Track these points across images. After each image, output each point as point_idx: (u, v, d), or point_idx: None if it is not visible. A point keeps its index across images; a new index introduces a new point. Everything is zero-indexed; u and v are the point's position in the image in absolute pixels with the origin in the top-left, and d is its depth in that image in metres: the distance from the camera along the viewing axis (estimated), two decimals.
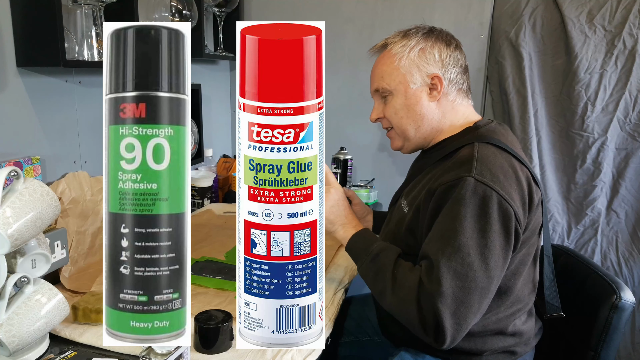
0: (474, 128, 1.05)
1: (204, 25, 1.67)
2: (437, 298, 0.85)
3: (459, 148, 1.00)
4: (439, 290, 0.85)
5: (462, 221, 0.88)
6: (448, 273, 0.86)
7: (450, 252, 0.87)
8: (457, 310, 0.86)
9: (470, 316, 0.87)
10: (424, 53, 1.04)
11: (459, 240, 0.87)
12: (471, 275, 0.87)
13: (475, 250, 0.87)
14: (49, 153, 1.21)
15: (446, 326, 0.85)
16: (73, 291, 1.11)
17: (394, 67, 1.06)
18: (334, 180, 1.10)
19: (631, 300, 1.03)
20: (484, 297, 0.89)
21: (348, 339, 1.32)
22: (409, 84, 1.06)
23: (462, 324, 0.87)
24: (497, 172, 0.91)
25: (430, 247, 0.91)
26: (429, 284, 0.87)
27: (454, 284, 0.86)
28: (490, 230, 0.88)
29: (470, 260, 0.87)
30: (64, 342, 0.92)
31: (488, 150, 0.96)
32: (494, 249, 0.88)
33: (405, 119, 1.09)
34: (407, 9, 1.82)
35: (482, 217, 0.88)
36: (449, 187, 0.91)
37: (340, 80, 1.96)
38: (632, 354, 1.76)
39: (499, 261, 0.89)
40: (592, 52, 1.62)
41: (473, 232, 0.88)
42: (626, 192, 1.71)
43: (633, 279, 1.74)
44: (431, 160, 1.07)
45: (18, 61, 1.10)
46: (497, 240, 0.89)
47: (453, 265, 0.86)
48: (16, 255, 0.86)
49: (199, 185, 1.74)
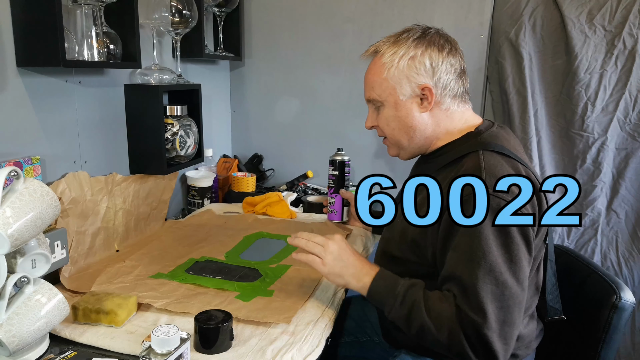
0: (476, 133, 1.04)
1: (204, 25, 1.67)
2: (483, 325, 0.85)
3: (463, 156, 0.99)
4: (483, 317, 0.85)
5: (486, 239, 0.87)
6: (487, 297, 0.86)
7: (483, 275, 0.86)
8: (502, 331, 0.86)
9: (515, 332, 0.88)
10: (414, 62, 1.01)
11: (488, 261, 0.86)
12: (507, 293, 0.87)
13: (505, 267, 0.87)
14: (49, 153, 1.21)
15: (497, 350, 0.86)
16: (73, 291, 1.11)
17: (383, 78, 1.04)
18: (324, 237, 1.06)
19: (631, 301, 1.02)
20: (521, 310, 0.89)
21: (348, 339, 1.32)
22: (399, 96, 1.03)
23: (509, 342, 0.87)
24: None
25: (458, 269, 0.89)
26: (470, 311, 0.86)
27: (494, 306, 0.86)
28: (513, 243, 0.88)
29: (503, 279, 0.87)
30: (64, 342, 0.92)
31: (494, 159, 0.95)
32: (519, 262, 0.88)
33: (397, 130, 1.07)
34: (407, 9, 1.82)
35: (502, 232, 0.88)
36: (462, 203, 0.90)
37: (340, 80, 1.96)
38: (632, 354, 1.76)
39: (526, 272, 0.90)
40: (592, 52, 1.62)
41: (498, 248, 0.87)
42: (626, 192, 1.71)
43: (633, 279, 1.74)
44: (434, 166, 1.06)
45: (18, 61, 1.10)
46: (521, 251, 0.89)
47: (489, 287, 0.86)
48: (16, 255, 0.86)
49: (199, 185, 1.74)
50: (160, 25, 1.44)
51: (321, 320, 1.02)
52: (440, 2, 1.78)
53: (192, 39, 1.61)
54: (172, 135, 1.49)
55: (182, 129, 1.52)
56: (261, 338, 0.94)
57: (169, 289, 1.12)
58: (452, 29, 1.81)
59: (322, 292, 1.14)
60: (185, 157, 1.55)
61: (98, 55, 1.22)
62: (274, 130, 2.10)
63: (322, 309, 1.06)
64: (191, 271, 1.22)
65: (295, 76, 2.02)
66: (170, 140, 1.49)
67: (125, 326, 0.97)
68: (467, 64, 1.06)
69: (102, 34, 1.23)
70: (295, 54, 2.00)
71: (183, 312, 1.02)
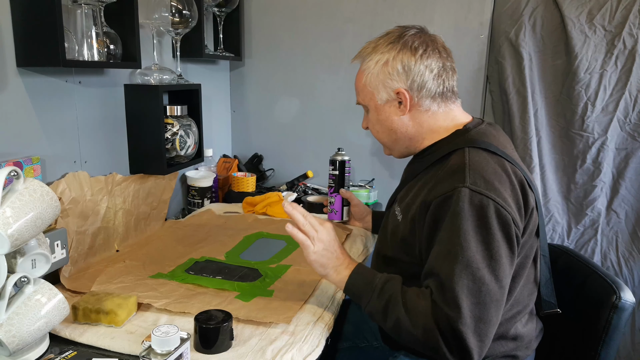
0: (463, 131, 1.04)
1: (204, 25, 1.67)
2: (457, 320, 0.85)
3: (449, 153, 0.99)
4: (457, 311, 0.85)
5: (464, 235, 0.87)
6: (462, 292, 0.85)
7: (460, 270, 0.86)
8: (477, 328, 0.86)
9: (491, 330, 0.88)
10: (387, 67, 1.03)
11: (465, 256, 0.86)
12: (484, 289, 0.86)
13: (483, 264, 0.87)
14: (49, 153, 1.21)
15: (471, 347, 0.85)
16: (73, 291, 1.11)
17: (363, 84, 1.09)
18: (317, 222, 1.04)
19: (631, 300, 1.02)
20: (499, 308, 0.89)
21: (346, 344, 1.31)
22: (377, 101, 1.07)
23: (484, 340, 0.87)
24: (491, 179, 0.90)
25: (436, 265, 0.89)
26: (445, 306, 0.86)
27: (469, 301, 0.85)
28: (493, 240, 0.88)
29: (480, 275, 0.86)
30: (64, 342, 0.92)
31: (479, 156, 0.95)
32: (500, 259, 0.88)
33: (381, 133, 1.12)
34: (407, 9, 1.82)
35: (483, 228, 0.88)
36: (445, 200, 0.90)
37: (340, 80, 1.96)
38: (632, 354, 1.76)
39: (506, 270, 0.89)
40: (592, 52, 1.62)
41: (477, 245, 0.87)
42: (626, 192, 1.71)
43: (633, 279, 1.73)
44: (422, 165, 1.06)
45: (18, 61, 1.10)
46: (502, 249, 0.88)
47: (465, 282, 0.86)
48: (16, 255, 0.86)
49: (199, 185, 1.74)
50: (160, 25, 1.44)
51: (321, 320, 1.02)
52: (440, 2, 1.78)
53: (192, 39, 1.61)
54: (172, 135, 1.49)
55: (182, 129, 1.52)
56: (261, 338, 0.94)
57: (169, 289, 1.12)
58: (452, 29, 1.83)
59: (322, 292, 1.14)
60: (185, 157, 1.55)
61: (98, 55, 1.22)
62: (274, 130, 2.10)
63: (322, 309, 1.06)
64: (191, 271, 1.22)
65: (295, 76, 2.02)
66: (170, 140, 1.49)
67: (125, 326, 0.97)
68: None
69: (102, 34, 1.23)
70: (295, 54, 2.00)
71: (183, 312, 1.02)
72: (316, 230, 1.03)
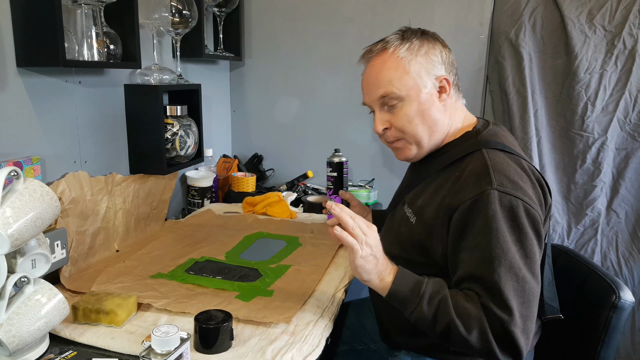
0: (474, 132, 1.04)
1: (204, 25, 1.67)
2: (510, 322, 0.85)
3: (465, 155, 0.99)
4: (509, 313, 0.86)
5: (502, 237, 0.87)
6: (510, 294, 0.86)
7: (504, 272, 0.87)
8: (525, 327, 0.87)
9: (533, 325, 0.89)
10: (429, 55, 1.02)
11: (507, 258, 0.87)
12: (527, 288, 0.87)
13: (522, 263, 0.88)
14: (49, 153, 1.21)
15: (521, 345, 0.86)
16: (73, 291, 1.11)
17: (403, 72, 1.01)
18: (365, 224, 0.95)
19: (631, 300, 1.02)
20: (537, 303, 0.90)
21: (344, 347, 1.31)
22: (421, 88, 1.02)
23: (529, 336, 0.88)
24: (515, 179, 0.91)
25: (478, 269, 0.89)
26: (497, 309, 0.86)
27: (517, 302, 0.86)
28: (526, 239, 0.89)
29: (522, 275, 0.87)
30: (64, 342, 0.92)
31: (499, 157, 0.95)
32: (534, 257, 0.89)
33: (420, 126, 1.04)
34: (407, 9, 1.82)
35: (516, 229, 0.88)
36: (474, 203, 0.90)
37: (340, 80, 1.96)
38: (632, 354, 1.76)
39: (539, 265, 0.91)
40: (592, 52, 1.62)
41: (514, 245, 0.88)
42: (626, 192, 1.71)
43: (633, 279, 1.74)
44: (435, 167, 1.05)
45: (18, 61, 1.10)
46: (534, 246, 0.90)
47: (511, 284, 0.86)
48: (16, 255, 0.86)
49: (199, 185, 1.74)
50: (160, 25, 1.44)
51: (321, 320, 1.02)
52: (440, 2, 1.78)
53: (192, 39, 1.61)
54: (172, 135, 1.49)
55: (182, 129, 1.52)
56: (261, 338, 0.94)
57: (169, 289, 1.12)
58: (452, 29, 1.83)
59: (322, 292, 1.14)
60: (185, 157, 1.55)
61: (98, 55, 1.22)
62: (274, 130, 2.10)
63: (322, 309, 1.06)
64: (191, 271, 1.22)
65: (295, 76, 2.02)
66: (170, 140, 1.49)
67: (125, 326, 0.97)
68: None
69: (102, 34, 1.23)
70: (295, 54, 2.00)
71: (183, 312, 1.02)
72: (365, 234, 0.93)
